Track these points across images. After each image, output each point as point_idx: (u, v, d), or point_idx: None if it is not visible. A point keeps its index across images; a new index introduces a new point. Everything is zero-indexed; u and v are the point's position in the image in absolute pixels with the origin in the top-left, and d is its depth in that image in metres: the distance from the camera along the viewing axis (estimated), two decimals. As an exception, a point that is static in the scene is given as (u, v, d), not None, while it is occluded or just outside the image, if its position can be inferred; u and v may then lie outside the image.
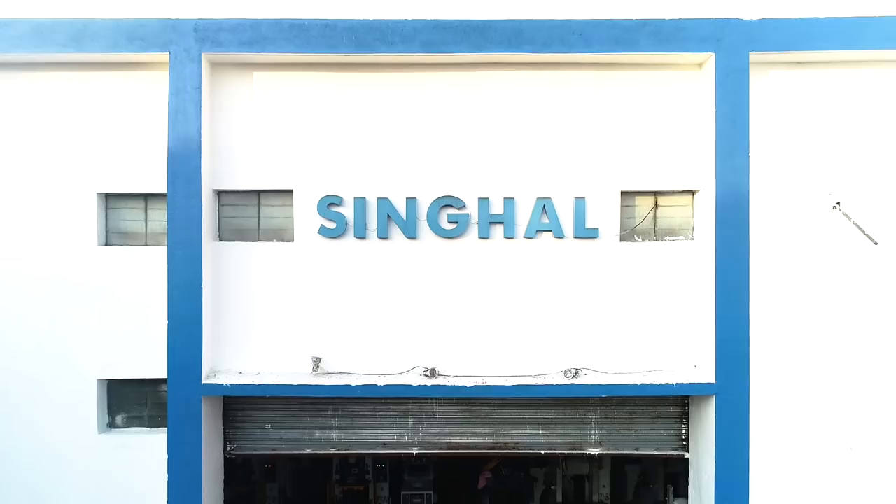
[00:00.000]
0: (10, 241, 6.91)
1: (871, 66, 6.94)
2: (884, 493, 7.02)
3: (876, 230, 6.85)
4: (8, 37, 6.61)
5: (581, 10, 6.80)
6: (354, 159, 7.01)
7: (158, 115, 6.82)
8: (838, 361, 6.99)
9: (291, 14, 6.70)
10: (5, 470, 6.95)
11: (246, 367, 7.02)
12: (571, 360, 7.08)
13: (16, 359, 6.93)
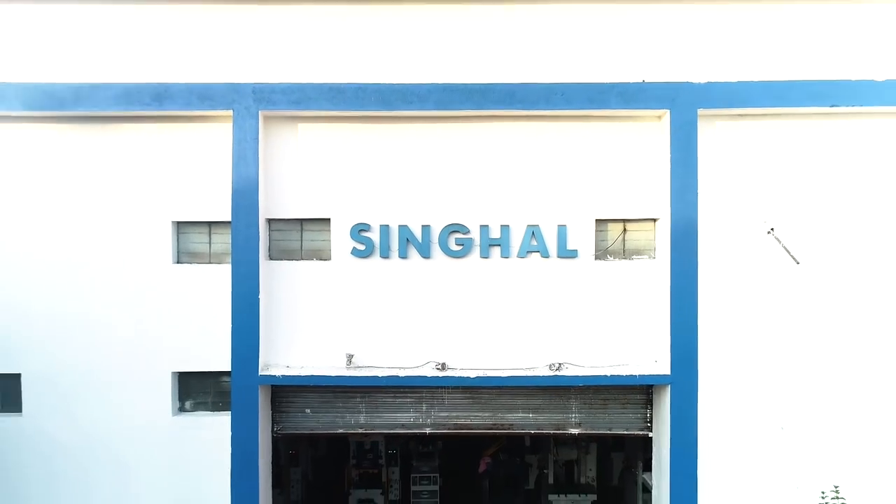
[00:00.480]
0: (104, 260, 8.55)
1: (796, 118, 8.60)
2: (810, 464, 8.66)
3: (799, 252, 8.51)
4: (104, 97, 8.25)
5: (563, 75, 8.46)
6: (380, 194, 8.66)
7: (222, 159, 8.48)
8: (770, 357, 8.65)
9: (330, 79, 8.36)
10: (100, 445, 8.58)
11: (292, 362, 8.67)
12: (555, 356, 8.73)
13: (107, 355, 8.57)
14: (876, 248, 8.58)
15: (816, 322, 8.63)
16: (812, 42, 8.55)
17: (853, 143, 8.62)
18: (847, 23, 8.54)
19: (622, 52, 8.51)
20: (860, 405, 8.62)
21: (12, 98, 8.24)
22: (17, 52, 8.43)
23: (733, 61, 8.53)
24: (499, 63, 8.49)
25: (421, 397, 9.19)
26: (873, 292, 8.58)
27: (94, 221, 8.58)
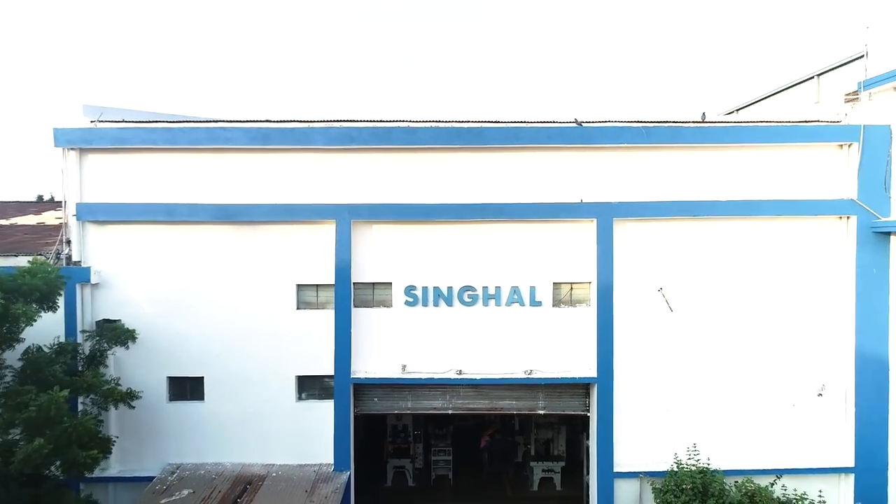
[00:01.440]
0: (256, 307, 14.12)
1: (674, 221, 14.20)
2: (682, 432, 14.21)
3: (673, 303, 14.14)
4: (259, 211, 13.86)
5: (536, 197, 14.04)
6: (420, 267, 14.24)
7: (327, 247, 14.06)
8: (657, 366, 14.23)
9: (390, 201, 13.95)
10: (252, 419, 14.13)
11: (368, 370, 14.27)
12: (528, 365, 14.30)
13: (256, 366, 14.13)
14: (715, 301, 14.22)
15: (683, 344, 14.25)
16: (682, 176, 14.17)
17: (706, 237, 14.24)
18: (700, 165, 14.17)
19: (571, 185, 14.12)
20: (711, 395, 14.23)
21: (203, 212, 13.84)
22: (207, 184, 14.04)
23: (636, 189, 14.15)
24: (496, 190, 14.10)
25: (445, 391, 14.79)
26: (716, 326, 14.22)
27: (250, 284, 14.17)
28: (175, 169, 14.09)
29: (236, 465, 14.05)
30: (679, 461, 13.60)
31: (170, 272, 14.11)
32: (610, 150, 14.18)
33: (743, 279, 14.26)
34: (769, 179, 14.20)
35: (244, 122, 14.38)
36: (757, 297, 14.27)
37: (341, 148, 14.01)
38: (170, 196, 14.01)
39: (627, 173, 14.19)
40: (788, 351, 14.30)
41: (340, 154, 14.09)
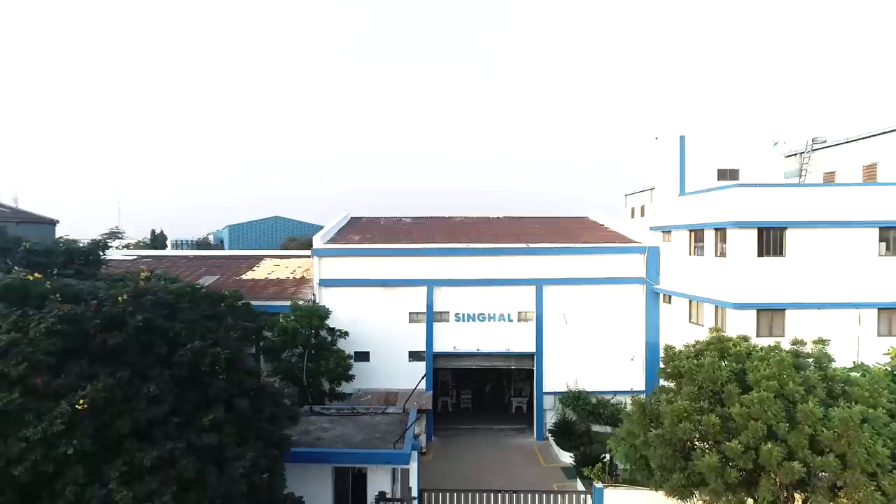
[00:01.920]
0: (393, 321, 33.49)
1: (570, 286, 33.66)
2: (573, 375, 33.60)
3: (569, 319, 33.61)
4: (393, 282, 33.31)
5: (502, 274, 33.52)
6: (460, 303, 33.65)
7: (422, 295, 33.46)
8: (561, 346, 33.64)
9: (457, 277, 33.47)
10: (392, 370, 33.41)
11: (438, 347, 33.66)
12: (508, 346, 33.70)
13: (392, 346, 33.44)
14: (586, 319, 33.71)
15: (572, 338, 33.66)
16: (576, 266, 33.66)
17: (585, 292, 33.70)
18: (584, 262, 33.71)
19: (525, 270, 33.57)
20: (584, 360, 33.62)
21: (374, 283, 33.26)
22: (376, 269, 33.46)
23: (552, 271, 33.60)
24: (494, 271, 33.56)
25: (471, 358, 34.16)
26: (587, 330, 33.68)
27: (392, 311, 33.55)
28: (362, 263, 33.52)
29: (385, 388, 33.30)
30: (569, 387, 32.99)
31: (358, 306, 33.44)
32: (541, 256, 33.68)
33: (599, 310, 33.69)
34: (613, 267, 33.68)
35: (387, 245, 33.90)
36: (606, 317, 33.68)
37: (429, 255, 33.52)
38: (359, 274, 33.42)
39: (549, 265, 33.67)
40: (619, 341, 33.69)
41: (429, 257, 33.57)
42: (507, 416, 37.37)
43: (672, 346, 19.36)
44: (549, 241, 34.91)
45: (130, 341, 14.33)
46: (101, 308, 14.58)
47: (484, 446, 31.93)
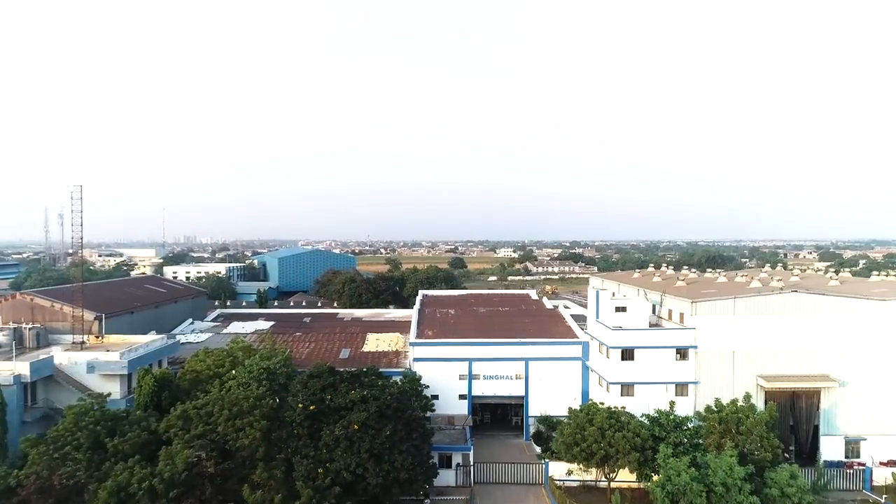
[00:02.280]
0: (450, 380, 64.80)
1: (540, 362, 64.96)
2: (545, 409, 64.87)
3: (541, 378, 64.94)
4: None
5: (510, 355, 64.86)
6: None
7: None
8: (539, 393, 64.97)
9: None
10: (447, 408, 64.73)
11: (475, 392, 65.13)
12: (515, 392, 65.07)
13: (451, 392, 64.71)
14: (552, 376, 65.08)
15: (544, 389, 65.02)
16: (532, 352, 64.99)
17: (547, 368, 65.01)
18: (531, 350, 65.08)
19: (517, 352, 64.85)
20: (553, 400, 64.91)
21: (441, 359, 64.58)
22: (439, 352, 64.78)
23: (535, 353, 64.84)
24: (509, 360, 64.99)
25: (491, 398, 65.53)
26: (555, 383, 65.02)
27: (449, 373, 64.90)
28: (435, 349, 64.85)
29: (447, 414, 64.44)
30: (541, 413, 64.29)
31: (433, 370, 64.68)
32: (527, 347, 65.01)
33: (558, 373, 64.88)
34: (565, 351, 65.01)
35: (446, 339, 65.29)
36: (561, 377, 64.86)
37: (468, 345, 65.05)
38: (433, 354, 64.75)
39: (531, 349, 64.98)
40: (567, 390, 64.72)
41: (468, 347, 65.02)
42: (509, 427, 68.72)
43: (575, 409, 50.90)
44: (532, 335, 66.27)
45: (381, 407, 45.60)
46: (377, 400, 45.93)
47: (497, 443, 63.30)
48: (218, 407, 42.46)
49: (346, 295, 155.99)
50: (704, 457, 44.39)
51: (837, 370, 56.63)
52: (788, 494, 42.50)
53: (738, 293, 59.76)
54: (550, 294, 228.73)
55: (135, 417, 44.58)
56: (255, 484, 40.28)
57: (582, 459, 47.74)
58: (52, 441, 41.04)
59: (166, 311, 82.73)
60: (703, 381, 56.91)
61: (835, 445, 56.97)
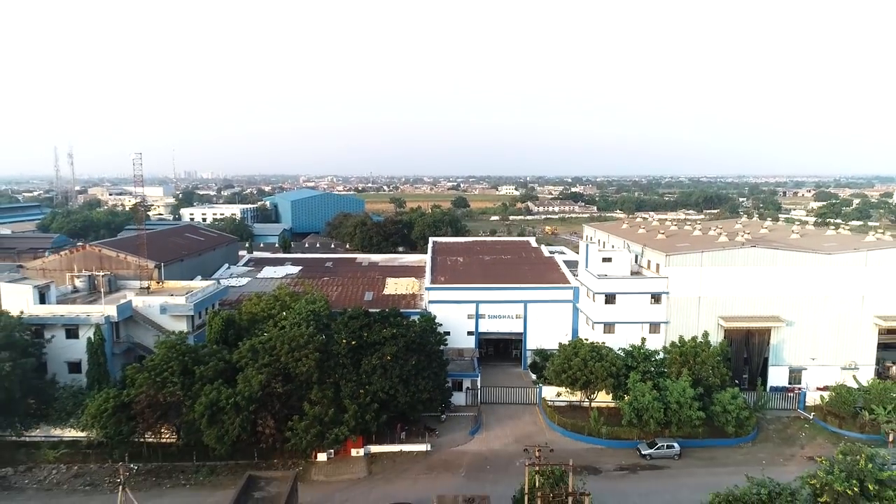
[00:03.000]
0: (460, 319, 75.97)
1: (539, 304, 75.88)
2: (539, 343, 76.30)
3: (538, 319, 76.07)
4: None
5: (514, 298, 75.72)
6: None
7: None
8: (534, 328, 76.19)
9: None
10: (457, 343, 76.05)
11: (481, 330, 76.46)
12: (515, 329, 76.31)
13: (461, 329, 75.98)
14: (545, 315, 76.16)
15: (540, 327, 76.18)
16: (541, 293, 75.79)
17: (540, 308, 75.96)
18: (534, 293, 75.83)
19: (518, 295, 75.63)
20: (547, 336, 76.19)
21: (452, 301, 75.47)
22: (451, 295, 75.59)
23: (533, 296, 75.68)
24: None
25: (494, 334, 76.87)
26: (549, 319, 76.17)
27: (460, 313, 75.97)
28: (448, 293, 75.66)
29: (458, 347, 75.85)
30: (537, 346, 75.73)
31: (446, 311, 75.66)
32: (526, 291, 75.82)
33: (552, 314, 75.88)
34: (559, 294, 75.82)
35: (457, 284, 75.95)
36: (554, 317, 75.89)
37: (476, 289, 75.78)
38: (446, 297, 75.57)
39: (529, 293, 75.74)
40: (560, 327, 75.91)
41: (476, 291, 75.74)
42: (510, 359, 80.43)
43: (564, 344, 62.07)
44: (530, 281, 76.88)
45: (408, 342, 56.65)
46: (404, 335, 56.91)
47: (500, 371, 75.04)
48: (279, 342, 53.37)
49: (358, 237, 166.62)
50: (665, 382, 55.75)
51: (786, 312, 67.52)
52: (729, 410, 54.18)
53: (706, 247, 69.93)
54: (550, 234, 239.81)
55: (211, 350, 55.67)
56: (312, 401, 51.69)
57: (568, 384, 59.15)
58: (152, 368, 52.13)
59: (206, 257, 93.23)
60: (673, 322, 67.88)
61: (780, 374, 68.59)
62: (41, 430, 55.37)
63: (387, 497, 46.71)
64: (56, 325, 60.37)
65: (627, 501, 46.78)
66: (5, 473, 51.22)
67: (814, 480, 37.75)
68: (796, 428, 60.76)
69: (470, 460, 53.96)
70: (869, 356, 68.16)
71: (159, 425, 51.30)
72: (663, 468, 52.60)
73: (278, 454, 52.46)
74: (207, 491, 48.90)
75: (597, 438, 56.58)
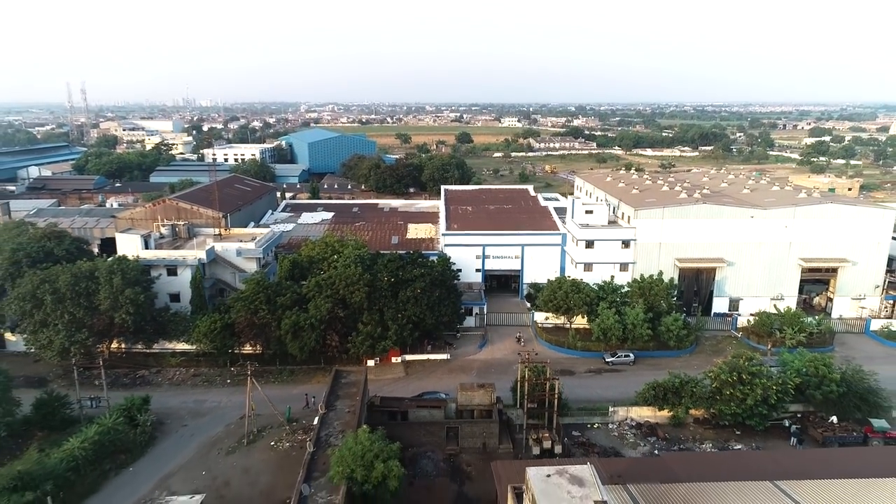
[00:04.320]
0: (470, 259, 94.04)
1: (535, 247, 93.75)
2: (533, 278, 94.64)
3: (533, 258, 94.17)
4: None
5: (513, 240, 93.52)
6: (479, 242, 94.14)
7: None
8: (531, 265, 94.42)
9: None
10: (467, 278, 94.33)
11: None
12: (514, 267, 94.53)
13: (470, 267, 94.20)
14: (538, 257, 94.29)
15: (534, 265, 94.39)
16: (535, 238, 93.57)
17: (535, 251, 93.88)
18: (526, 237, 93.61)
19: (516, 239, 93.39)
20: (540, 272, 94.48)
21: (464, 245, 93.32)
22: (463, 239, 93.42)
23: (529, 240, 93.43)
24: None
25: (498, 271, 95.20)
26: (539, 259, 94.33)
27: (470, 254, 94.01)
28: (460, 237, 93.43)
29: (468, 281, 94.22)
30: (532, 280, 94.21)
31: (459, 252, 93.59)
32: (523, 236, 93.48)
33: (544, 255, 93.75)
34: (550, 239, 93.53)
35: (468, 230, 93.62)
36: (546, 258, 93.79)
37: (483, 234, 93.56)
38: (458, 241, 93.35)
39: (526, 238, 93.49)
40: (550, 265, 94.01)
41: (483, 235, 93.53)
42: (510, 291, 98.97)
43: (551, 280, 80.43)
44: (527, 228, 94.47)
45: (432, 279, 74.96)
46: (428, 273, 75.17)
47: (502, 300, 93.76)
48: (338, 279, 71.49)
49: (373, 179, 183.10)
50: (625, 309, 74.44)
51: (728, 255, 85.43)
52: (671, 330, 73.06)
53: (667, 203, 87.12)
54: (550, 173, 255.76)
55: (285, 285, 73.99)
56: (364, 322, 70.40)
57: (554, 310, 77.79)
58: (245, 298, 70.54)
59: (255, 206, 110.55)
60: (639, 262, 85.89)
61: (723, 303, 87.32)
62: (158, 344, 74.53)
63: (420, 388, 66.16)
64: (160, 266, 78.46)
65: (592, 392, 66.15)
66: (144, 374, 70.86)
67: (710, 373, 56.84)
68: (726, 344, 79.88)
69: (479, 365, 73.38)
70: (793, 289, 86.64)
71: (253, 340, 70.35)
72: (621, 371, 71.96)
73: (339, 360, 71.73)
74: (290, 386, 68.36)
75: (573, 350, 75.79)
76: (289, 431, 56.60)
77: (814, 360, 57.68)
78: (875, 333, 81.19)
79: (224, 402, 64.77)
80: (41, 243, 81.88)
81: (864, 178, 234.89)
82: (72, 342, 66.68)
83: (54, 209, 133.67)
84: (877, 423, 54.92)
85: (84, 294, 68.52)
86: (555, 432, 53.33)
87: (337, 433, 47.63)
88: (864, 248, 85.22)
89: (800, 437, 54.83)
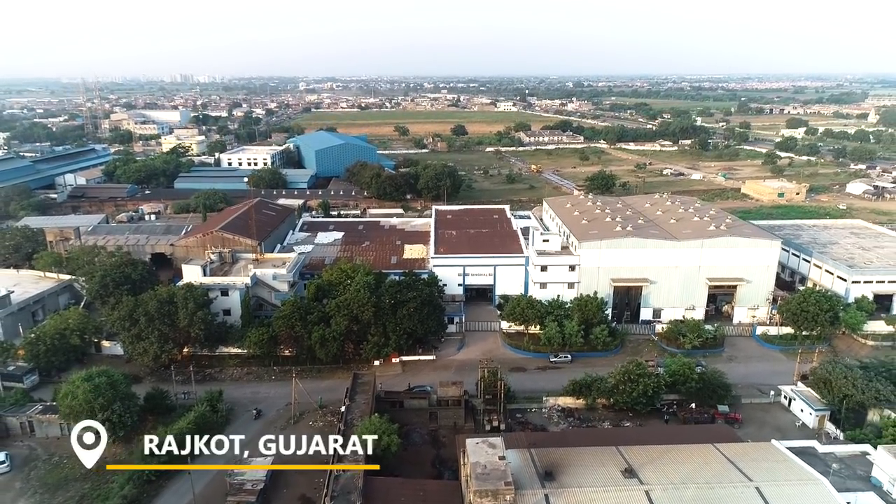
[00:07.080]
0: (452, 276, 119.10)
1: (511, 266, 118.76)
2: (505, 290, 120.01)
3: (503, 277, 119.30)
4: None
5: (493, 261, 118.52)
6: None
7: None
8: (503, 281, 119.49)
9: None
10: (450, 291, 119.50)
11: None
12: (489, 283, 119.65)
13: (452, 283, 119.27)
14: (509, 277, 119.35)
15: (505, 281, 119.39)
16: (505, 259, 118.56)
17: (508, 270, 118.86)
18: (507, 260, 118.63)
19: (489, 261, 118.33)
20: (508, 286, 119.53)
21: (448, 265, 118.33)
22: (446, 261, 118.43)
23: (501, 262, 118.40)
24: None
25: (475, 286, 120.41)
26: (510, 279, 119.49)
27: (452, 272, 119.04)
28: (444, 259, 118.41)
29: (451, 294, 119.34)
30: (503, 293, 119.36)
31: (444, 271, 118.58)
32: (495, 258, 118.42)
33: (511, 273, 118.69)
34: (516, 260, 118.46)
35: (451, 254, 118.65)
36: (513, 276, 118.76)
37: (463, 257, 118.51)
38: (443, 263, 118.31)
39: (498, 259, 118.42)
40: (516, 282, 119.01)
41: (463, 258, 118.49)
42: (485, 300, 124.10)
43: (514, 295, 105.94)
44: (499, 251, 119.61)
45: (422, 300, 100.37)
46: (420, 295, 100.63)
47: (479, 309, 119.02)
48: (352, 301, 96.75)
49: (374, 187, 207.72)
50: (565, 321, 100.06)
51: (652, 276, 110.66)
52: (599, 337, 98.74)
53: (605, 236, 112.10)
54: (535, 173, 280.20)
55: (312, 305, 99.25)
56: (372, 334, 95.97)
57: (514, 320, 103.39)
58: (284, 317, 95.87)
59: (279, 229, 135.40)
60: (583, 282, 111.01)
61: (648, 313, 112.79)
62: (218, 350, 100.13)
63: (412, 382, 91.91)
64: (215, 289, 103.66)
65: (537, 385, 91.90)
66: (210, 372, 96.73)
67: (611, 374, 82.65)
68: (644, 346, 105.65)
69: (458, 364, 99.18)
70: (702, 302, 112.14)
71: (291, 347, 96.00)
72: (561, 368, 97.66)
73: (354, 361, 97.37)
74: (318, 381, 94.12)
75: (527, 351, 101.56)
76: (321, 415, 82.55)
77: (682, 365, 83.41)
78: (759, 337, 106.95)
79: (272, 393, 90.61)
80: (121, 269, 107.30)
81: (820, 178, 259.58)
82: (161, 350, 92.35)
83: (105, 226, 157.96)
84: (721, 407, 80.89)
85: (167, 315, 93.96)
86: (502, 415, 79.16)
87: (357, 417, 73.39)
88: (757, 270, 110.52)
89: (668, 417, 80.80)
